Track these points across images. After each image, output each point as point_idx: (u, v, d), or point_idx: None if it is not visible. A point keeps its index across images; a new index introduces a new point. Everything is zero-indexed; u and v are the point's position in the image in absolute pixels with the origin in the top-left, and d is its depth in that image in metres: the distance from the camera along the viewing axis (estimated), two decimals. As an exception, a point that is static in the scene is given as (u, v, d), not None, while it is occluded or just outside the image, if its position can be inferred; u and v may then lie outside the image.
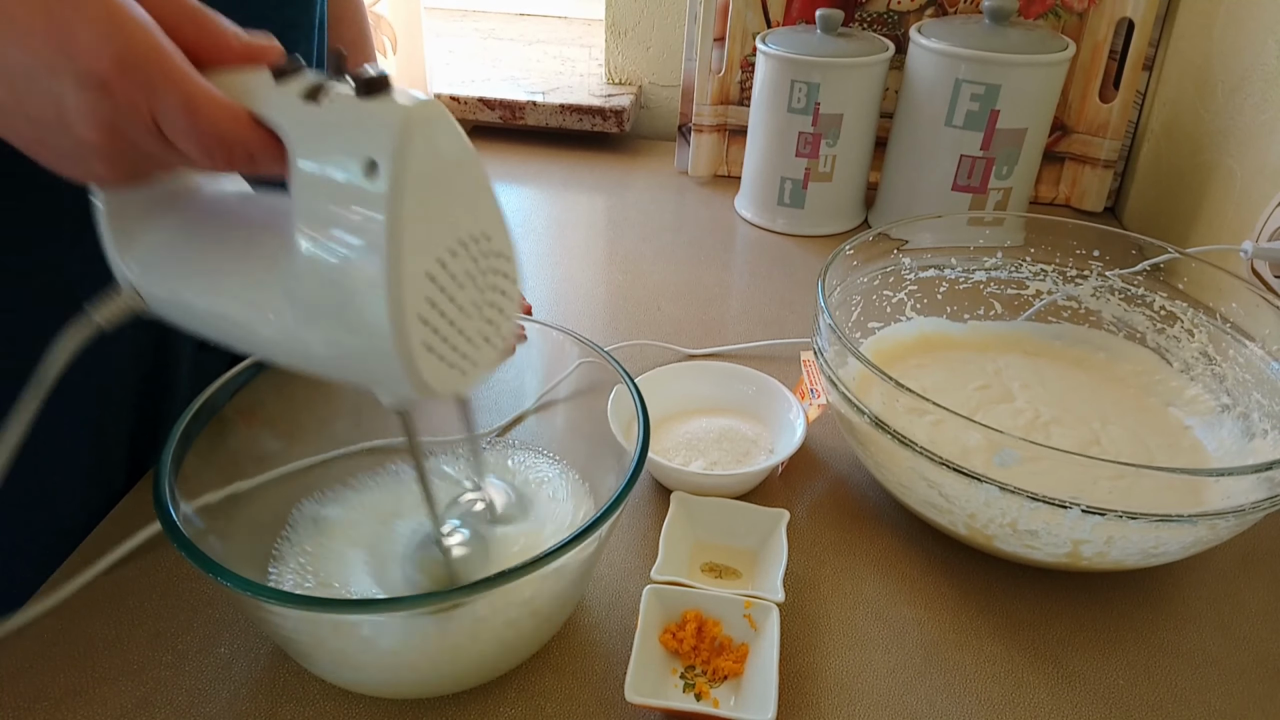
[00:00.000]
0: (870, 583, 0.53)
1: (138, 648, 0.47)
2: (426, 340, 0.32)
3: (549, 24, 1.44)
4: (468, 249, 0.33)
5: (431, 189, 0.31)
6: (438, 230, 0.32)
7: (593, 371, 0.52)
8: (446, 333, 0.33)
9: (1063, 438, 0.60)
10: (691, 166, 1.08)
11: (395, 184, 0.30)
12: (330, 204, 0.31)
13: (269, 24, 0.58)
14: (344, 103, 0.31)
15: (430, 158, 0.31)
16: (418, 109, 0.30)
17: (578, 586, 0.46)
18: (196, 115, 0.31)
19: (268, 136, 0.32)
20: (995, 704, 0.46)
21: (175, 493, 0.41)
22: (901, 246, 0.69)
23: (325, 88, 0.32)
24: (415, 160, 0.30)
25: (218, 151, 0.32)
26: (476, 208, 0.33)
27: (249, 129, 0.32)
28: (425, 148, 0.30)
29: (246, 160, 0.33)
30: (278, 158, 0.32)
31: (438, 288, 0.32)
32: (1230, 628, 0.51)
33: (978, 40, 0.84)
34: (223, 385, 0.46)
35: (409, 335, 0.31)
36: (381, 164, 0.30)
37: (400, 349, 0.31)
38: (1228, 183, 0.83)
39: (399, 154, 0.30)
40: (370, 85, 0.31)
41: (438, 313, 0.32)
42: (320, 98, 0.31)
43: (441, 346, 0.33)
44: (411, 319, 0.31)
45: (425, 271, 0.31)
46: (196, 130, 0.32)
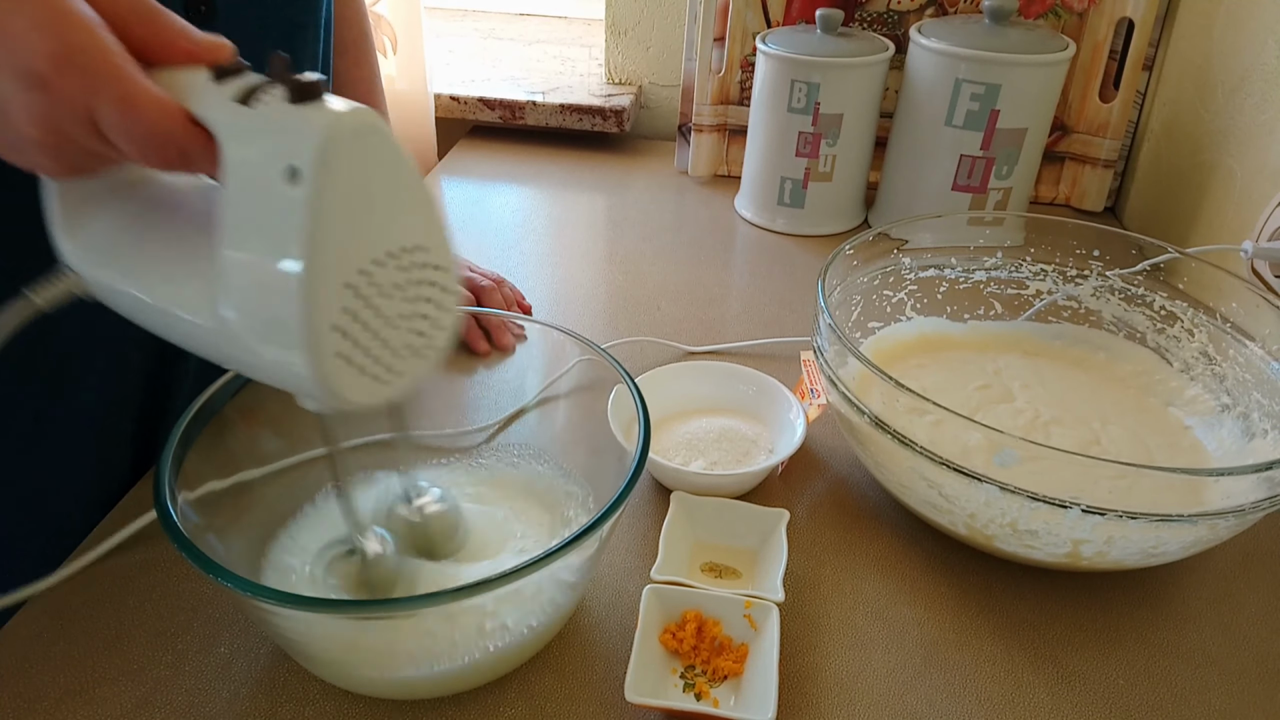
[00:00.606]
0: (870, 583, 0.53)
1: (138, 648, 0.47)
2: (341, 350, 0.32)
3: (549, 24, 1.44)
4: (396, 260, 0.32)
5: (356, 199, 0.30)
6: (362, 240, 0.31)
7: (593, 371, 0.52)
8: (366, 343, 0.33)
9: (1063, 438, 0.60)
10: (691, 166, 1.08)
11: (315, 192, 0.29)
12: (252, 208, 0.31)
13: (275, 25, 0.58)
14: (274, 107, 0.31)
15: (356, 168, 0.30)
16: (347, 117, 0.30)
17: (578, 587, 0.46)
18: (131, 113, 0.31)
19: (202, 136, 0.32)
20: (995, 704, 0.46)
21: (176, 493, 0.41)
22: (901, 246, 0.69)
23: (260, 90, 0.31)
24: (339, 169, 0.30)
25: (151, 149, 0.32)
26: (408, 218, 0.33)
27: (183, 127, 0.32)
28: (351, 157, 0.30)
29: (180, 159, 0.32)
30: (212, 158, 0.32)
31: (358, 298, 0.32)
32: (1230, 628, 0.51)
33: (978, 40, 0.84)
34: (223, 386, 0.46)
35: (321, 345, 0.31)
36: (304, 170, 0.29)
37: (312, 358, 0.31)
38: (1228, 183, 0.83)
39: (320, 161, 0.29)
40: (302, 90, 0.30)
41: (356, 323, 0.32)
42: (253, 100, 0.31)
43: (359, 357, 0.33)
44: (324, 329, 0.31)
45: (344, 282, 0.31)
46: (131, 127, 0.31)
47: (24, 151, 0.34)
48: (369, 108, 0.31)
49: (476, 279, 0.75)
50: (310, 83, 0.30)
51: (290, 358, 0.32)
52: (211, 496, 0.44)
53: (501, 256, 0.90)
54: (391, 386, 0.35)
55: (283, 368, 0.33)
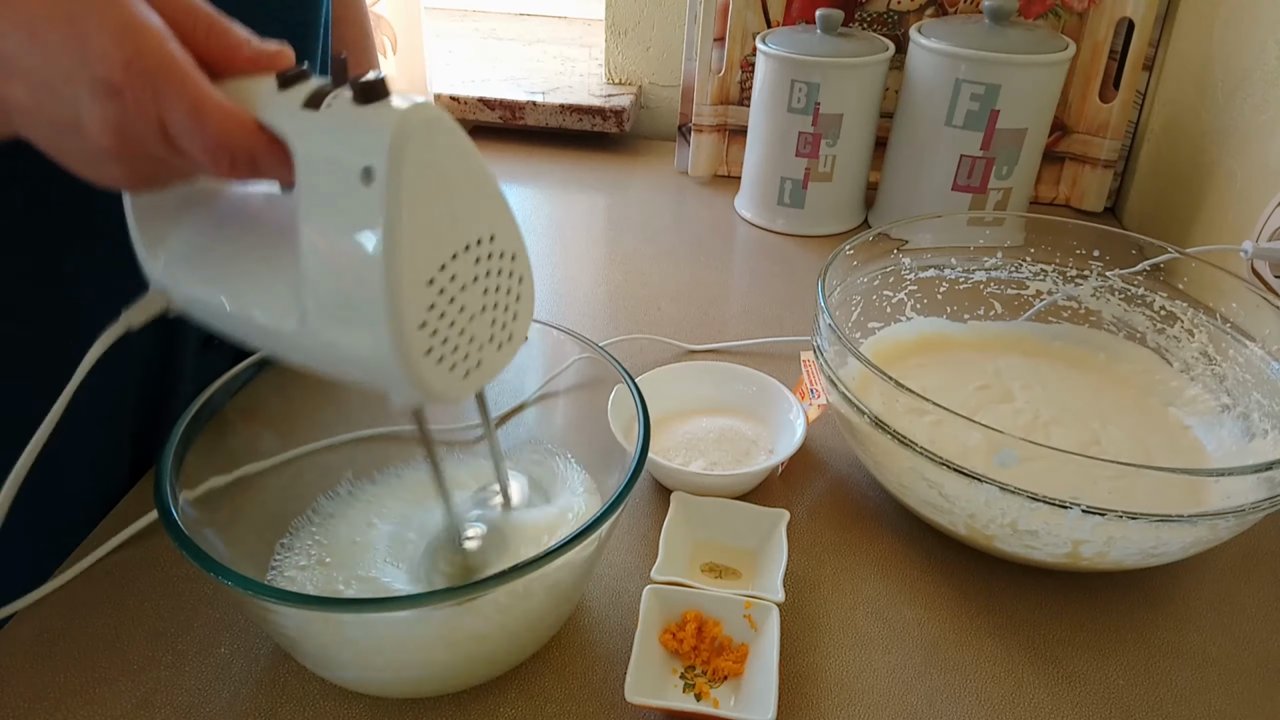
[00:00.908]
0: (870, 583, 0.53)
1: (138, 648, 0.47)
2: (430, 347, 0.32)
3: (549, 24, 1.44)
4: (471, 251, 0.33)
5: (431, 194, 0.31)
6: (440, 236, 0.31)
7: (593, 371, 0.52)
8: (452, 338, 0.33)
9: (1063, 438, 0.60)
10: (691, 166, 1.08)
11: (391, 191, 0.29)
12: (329, 212, 0.31)
13: (277, 25, 0.58)
14: (342, 109, 0.31)
15: (428, 162, 0.30)
16: (413, 113, 0.30)
17: (578, 586, 0.46)
18: (202, 121, 0.32)
19: (272, 143, 0.32)
20: (995, 704, 0.46)
21: (177, 493, 0.41)
22: (901, 246, 0.69)
23: (326, 94, 0.31)
24: (411, 166, 0.30)
25: (223, 157, 0.32)
26: (480, 208, 0.33)
27: (253, 136, 0.32)
28: (421, 152, 0.30)
29: (251, 166, 0.33)
30: (283, 165, 0.32)
31: (441, 294, 0.32)
32: (1230, 628, 0.51)
33: (978, 40, 0.84)
34: (223, 385, 0.46)
35: (411, 345, 0.31)
36: (377, 171, 0.29)
37: (403, 358, 0.31)
38: (1228, 183, 0.83)
39: (394, 160, 0.29)
40: (367, 91, 0.30)
41: (442, 319, 0.32)
42: (320, 104, 0.31)
43: (447, 351, 0.33)
44: (413, 328, 0.31)
45: (427, 279, 0.31)
46: (202, 136, 0.32)
47: (98, 164, 0.34)
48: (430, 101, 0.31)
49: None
50: (374, 82, 0.30)
51: (381, 359, 0.32)
52: (212, 495, 0.44)
53: (501, 256, 0.89)
54: (478, 377, 0.35)
55: (373, 369, 0.33)
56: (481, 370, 0.35)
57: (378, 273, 0.30)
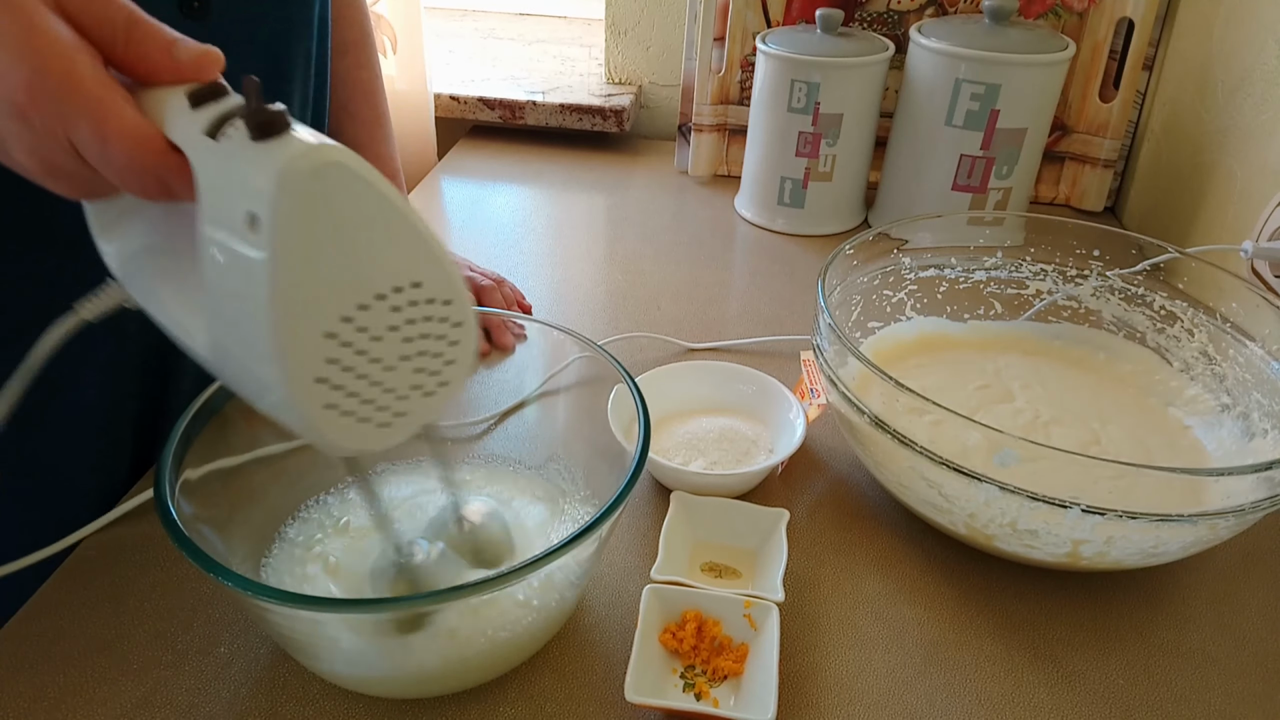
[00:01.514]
0: (870, 583, 0.53)
1: (138, 648, 0.47)
2: (330, 401, 0.30)
3: (549, 24, 1.44)
4: (386, 300, 0.30)
5: (325, 243, 0.28)
6: (340, 285, 0.29)
7: (593, 371, 0.52)
8: (359, 389, 0.31)
9: (1063, 438, 0.60)
10: (691, 166, 1.08)
11: (275, 241, 0.27)
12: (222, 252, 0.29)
13: (270, 23, 0.58)
14: (236, 142, 0.28)
15: (321, 210, 0.28)
16: (305, 156, 0.27)
17: (577, 587, 0.46)
18: (104, 142, 0.30)
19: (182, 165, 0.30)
20: (995, 703, 0.46)
21: (177, 492, 0.41)
22: (901, 246, 0.69)
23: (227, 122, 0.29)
24: (299, 215, 0.27)
25: (130, 178, 0.31)
26: (396, 255, 0.30)
27: (160, 158, 0.30)
28: (313, 200, 0.27)
29: (160, 188, 0.31)
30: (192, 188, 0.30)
31: (345, 346, 0.30)
32: (1230, 628, 0.51)
33: (978, 40, 0.84)
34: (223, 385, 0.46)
35: (307, 398, 0.29)
36: (262, 218, 0.27)
37: (298, 411, 0.30)
38: (1228, 183, 0.83)
39: (277, 209, 0.27)
40: (263, 126, 0.28)
41: (346, 371, 0.30)
42: (219, 134, 0.29)
43: (352, 404, 0.31)
44: (307, 382, 0.29)
45: (324, 331, 0.29)
46: (106, 157, 0.30)
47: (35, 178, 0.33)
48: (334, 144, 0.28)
49: (477, 279, 0.75)
50: (271, 116, 0.28)
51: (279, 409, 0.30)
52: (213, 495, 0.44)
53: (501, 256, 0.90)
54: (396, 429, 0.33)
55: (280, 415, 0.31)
56: (406, 419, 0.33)
57: (264, 325, 0.28)
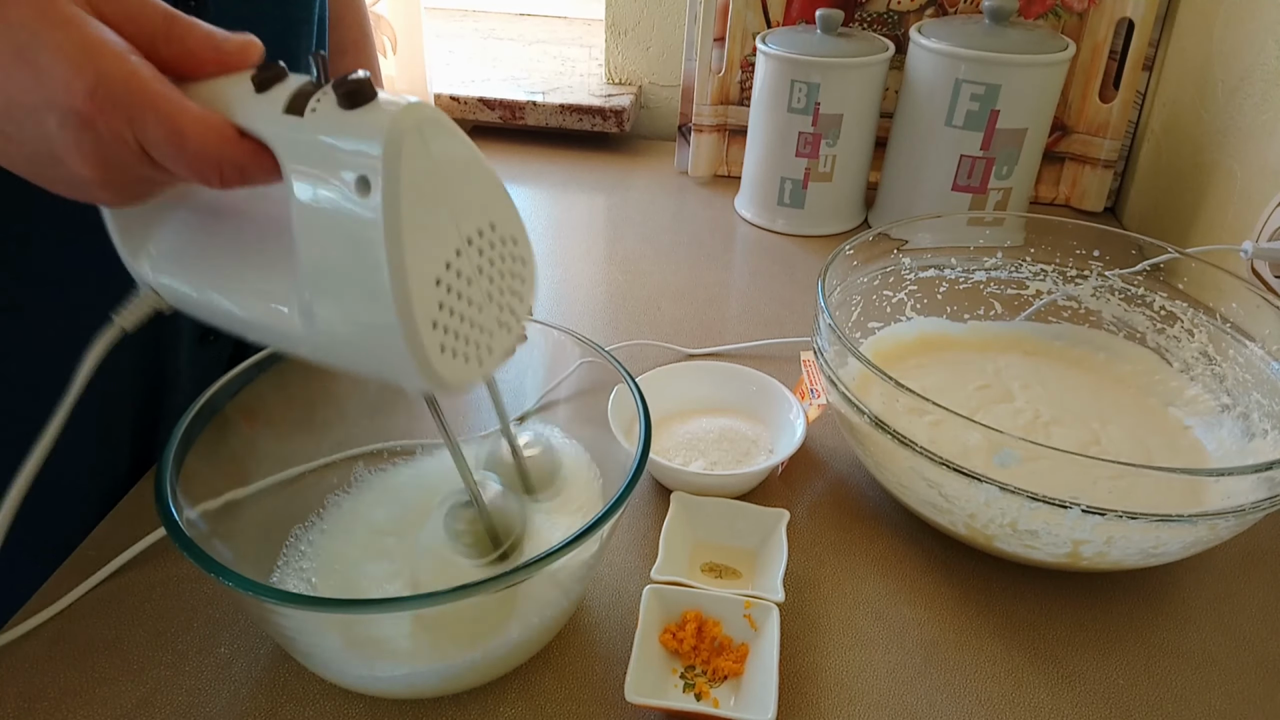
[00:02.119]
0: (870, 583, 0.53)
1: (138, 648, 0.47)
2: (442, 343, 0.32)
3: (549, 24, 1.44)
4: (473, 243, 0.33)
5: (429, 195, 0.30)
6: (441, 233, 0.31)
7: (594, 371, 0.52)
8: (462, 330, 0.33)
9: (1063, 438, 0.60)
10: (691, 166, 1.08)
11: (389, 200, 0.29)
12: (327, 222, 0.30)
13: (268, 21, 0.58)
14: (328, 114, 0.30)
15: (423, 164, 0.30)
16: (404, 116, 0.29)
17: (578, 587, 0.46)
18: (181, 139, 0.30)
19: (257, 150, 0.31)
20: (995, 704, 0.46)
21: (177, 493, 0.41)
22: (901, 246, 0.69)
23: (308, 97, 0.30)
24: (407, 171, 0.29)
25: (209, 171, 0.31)
26: (478, 199, 0.33)
27: (235, 146, 0.31)
28: (416, 156, 0.29)
29: (239, 176, 0.32)
30: (271, 170, 0.31)
31: (448, 290, 0.32)
32: (1230, 628, 0.51)
33: (978, 40, 0.84)
34: (224, 385, 0.46)
35: (423, 343, 0.31)
36: (373, 180, 0.29)
37: (416, 357, 0.31)
38: (1228, 183, 0.83)
39: (389, 169, 0.29)
40: (353, 94, 0.29)
41: (451, 314, 0.32)
42: (304, 109, 0.30)
43: (457, 344, 0.33)
44: (425, 327, 0.31)
45: (434, 279, 0.31)
46: (184, 154, 0.31)
47: (82, 188, 0.33)
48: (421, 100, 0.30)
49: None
50: (359, 83, 0.29)
51: (394, 358, 0.32)
52: (214, 494, 0.44)
53: (501, 256, 0.89)
54: (489, 364, 0.35)
55: (387, 364, 0.33)
56: (493, 355, 0.35)
57: (384, 282, 0.30)
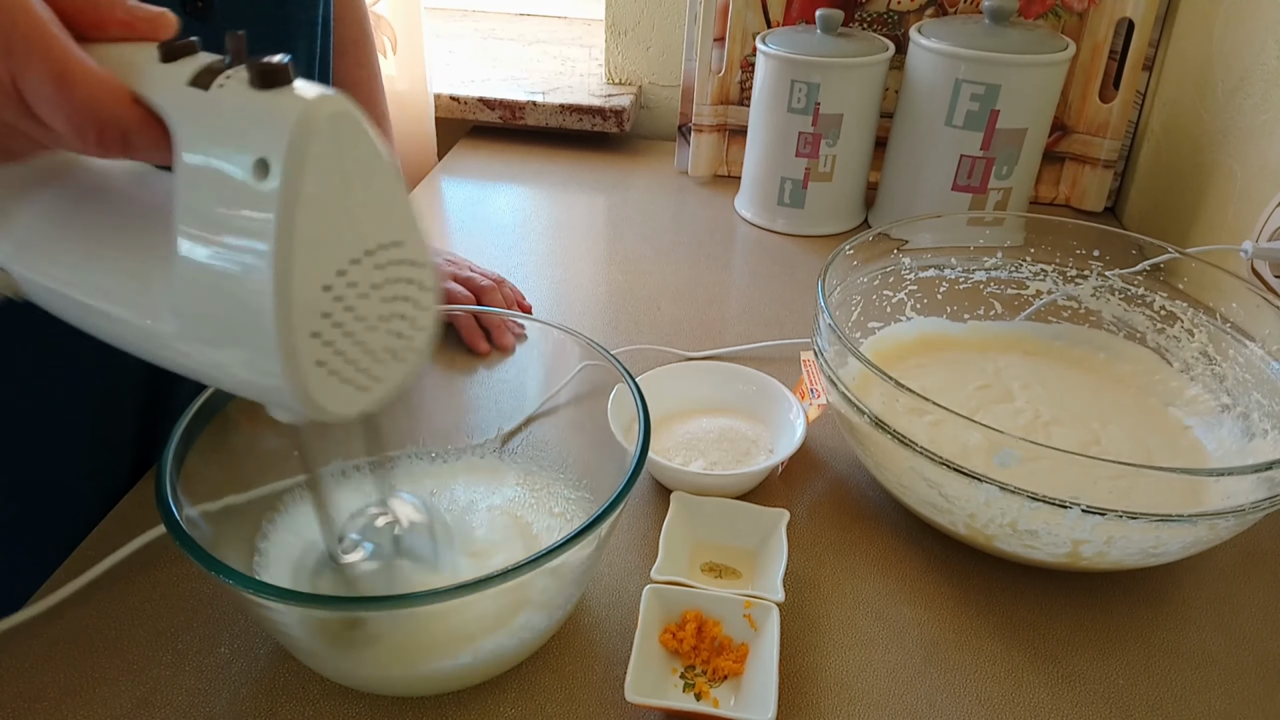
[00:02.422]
0: (870, 583, 0.53)
1: (138, 648, 0.47)
2: (320, 357, 0.30)
3: (549, 24, 1.44)
4: (373, 257, 0.30)
5: (331, 193, 0.28)
6: (338, 238, 0.29)
7: (594, 372, 0.52)
8: (345, 348, 0.30)
9: (1063, 438, 0.60)
10: (691, 166, 1.08)
11: (288, 187, 0.27)
12: (215, 204, 0.28)
13: (273, 23, 0.58)
14: (237, 92, 0.28)
15: (331, 160, 0.28)
16: (319, 104, 0.27)
17: (578, 586, 0.46)
18: (66, 87, 0.28)
19: (149, 118, 0.29)
20: (995, 704, 0.46)
21: (178, 492, 0.41)
22: (901, 246, 0.69)
23: (217, 73, 0.29)
24: (313, 161, 0.27)
25: (89, 129, 0.29)
26: (384, 212, 0.30)
27: (127, 109, 0.29)
28: (325, 149, 0.28)
29: (121, 142, 0.30)
30: (160, 144, 0.30)
31: (336, 301, 0.29)
32: (1230, 628, 0.51)
33: (978, 40, 0.84)
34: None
35: (299, 353, 0.29)
36: (273, 164, 0.27)
37: (292, 369, 0.29)
38: (1228, 183, 0.83)
39: (293, 154, 0.27)
40: (267, 75, 0.28)
41: (335, 327, 0.30)
42: (211, 84, 0.28)
43: (338, 363, 0.30)
44: (303, 336, 0.29)
45: (321, 283, 0.29)
46: (66, 103, 0.29)
47: None
48: (341, 93, 0.28)
49: (476, 279, 0.75)
50: (276, 65, 0.28)
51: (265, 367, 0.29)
52: (212, 492, 0.44)
53: (501, 257, 0.90)
54: (372, 393, 0.32)
55: (255, 377, 0.31)
56: (380, 384, 0.33)
57: (267, 276, 0.27)
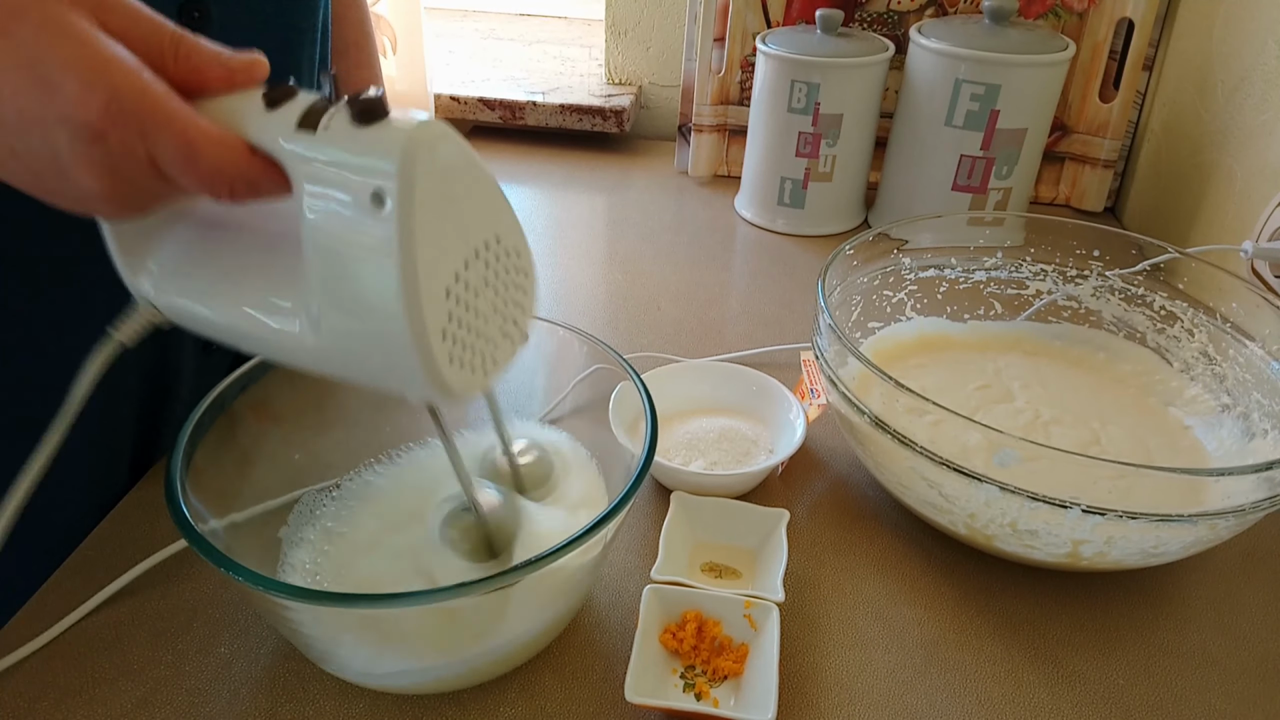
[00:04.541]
0: (870, 583, 0.53)
1: (138, 648, 0.47)
2: (450, 353, 0.33)
3: (549, 24, 1.44)
4: (480, 255, 0.33)
5: (440, 209, 0.31)
6: (451, 247, 0.32)
7: (596, 372, 0.52)
8: (468, 340, 0.34)
9: (1063, 438, 0.60)
10: (691, 166, 1.08)
11: (403, 215, 0.29)
12: (339, 236, 0.31)
13: (271, 30, 0.58)
14: (342, 131, 0.31)
15: (435, 180, 0.30)
16: (418, 133, 0.30)
17: (584, 586, 0.46)
18: (194, 154, 0.31)
19: (268, 166, 0.32)
20: (995, 704, 0.46)
21: (187, 489, 0.41)
22: (901, 246, 0.69)
23: (320, 114, 0.31)
24: (421, 186, 0.30)
25: (220, 186, 0.32)
26: (484, 212, 0.34)
27: (248, 161, 0.32)
28: (429, 171, 0.30)
29: (250, 191, 0.32)
30: (281, 185, 0.32)
31: (456, 301, 0.32)
32: (1230, 628, 0.51)
33: (978, 40, 0.85)
34: (234, 381, 0.47)
35: (434, 353, 0.32)
36: (388, 196, 0.29)
37: (427, 368, 0.32)
38: (1228, 183, 0.83)
39: (404, 184, 0.29)
40: (366, 111, 0.30)
41: (459, 324, 0.33)
42: (317, 125, 0.31)
43: (464, 354, 0.34)
44: (435, 338, 0.32)
45: (443, 289, 0.32)
46: (196, 169, 0.31)
47: (86, 202, 0.34)
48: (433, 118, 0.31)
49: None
50: (373, 101, 0.30)
51: (404, 373, 0.32)
52: (221, 487, 0.44)
53: (501, 256, 0.89)
54: (493, 372, 0.36)
55: (395, 377, 0.33)
56: (497, 364, 0.36)
57: (396, 295, 0.30)
